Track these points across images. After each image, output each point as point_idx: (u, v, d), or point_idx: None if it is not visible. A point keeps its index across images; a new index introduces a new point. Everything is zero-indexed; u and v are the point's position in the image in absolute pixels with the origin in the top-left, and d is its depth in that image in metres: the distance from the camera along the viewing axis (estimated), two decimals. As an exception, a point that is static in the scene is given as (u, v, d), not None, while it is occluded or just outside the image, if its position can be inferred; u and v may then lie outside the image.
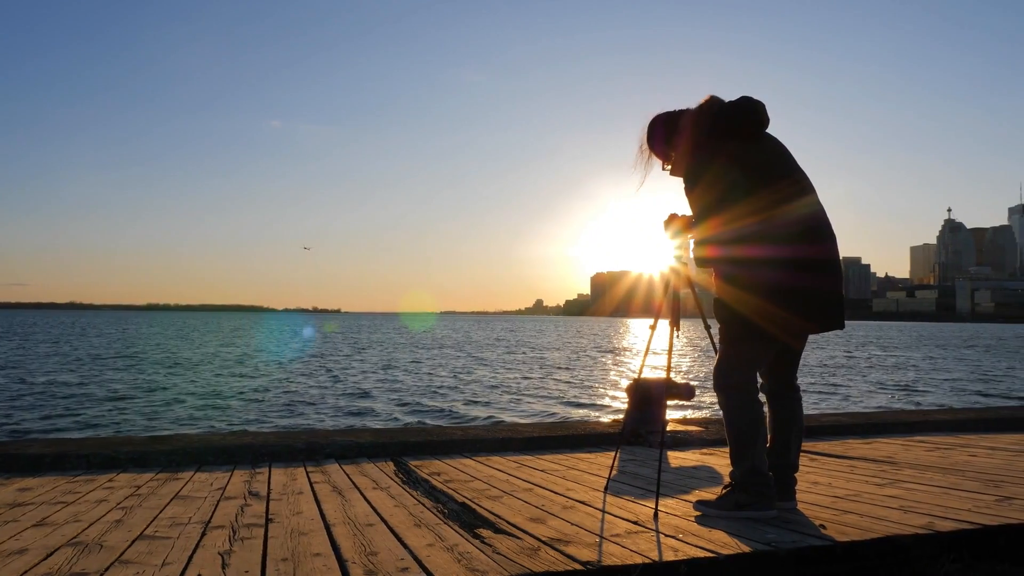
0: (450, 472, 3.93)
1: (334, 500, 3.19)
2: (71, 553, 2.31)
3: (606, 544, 2.34)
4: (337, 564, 2.15)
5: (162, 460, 4.32)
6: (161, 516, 2.89)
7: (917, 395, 17.32)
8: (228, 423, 11.49)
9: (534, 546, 2.32)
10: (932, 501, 2.99)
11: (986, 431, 5.62)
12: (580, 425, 5.59)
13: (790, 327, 2.71)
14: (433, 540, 2.43)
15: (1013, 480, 3.49)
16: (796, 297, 2.66)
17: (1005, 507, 2.87)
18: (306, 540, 2.45)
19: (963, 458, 4.26)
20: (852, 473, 3.77)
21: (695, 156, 2.77)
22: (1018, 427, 5.83)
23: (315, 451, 4.58)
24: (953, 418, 5.98)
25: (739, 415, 2.72)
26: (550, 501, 3.10)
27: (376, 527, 2.64)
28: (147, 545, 2.42)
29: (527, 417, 12.65)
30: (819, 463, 4.09)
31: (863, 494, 3.17)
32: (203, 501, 3.20)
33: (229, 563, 2.18)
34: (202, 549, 2.35)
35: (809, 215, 2.74)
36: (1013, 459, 4.21)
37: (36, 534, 2.59)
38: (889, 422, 5.81)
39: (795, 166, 2.80)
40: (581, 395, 16.47)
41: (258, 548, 2.36)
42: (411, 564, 2.13)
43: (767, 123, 2.79)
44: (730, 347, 2.76)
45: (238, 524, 2.72)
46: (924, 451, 4.59)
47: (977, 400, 16.43)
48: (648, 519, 2.72)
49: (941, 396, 17.19)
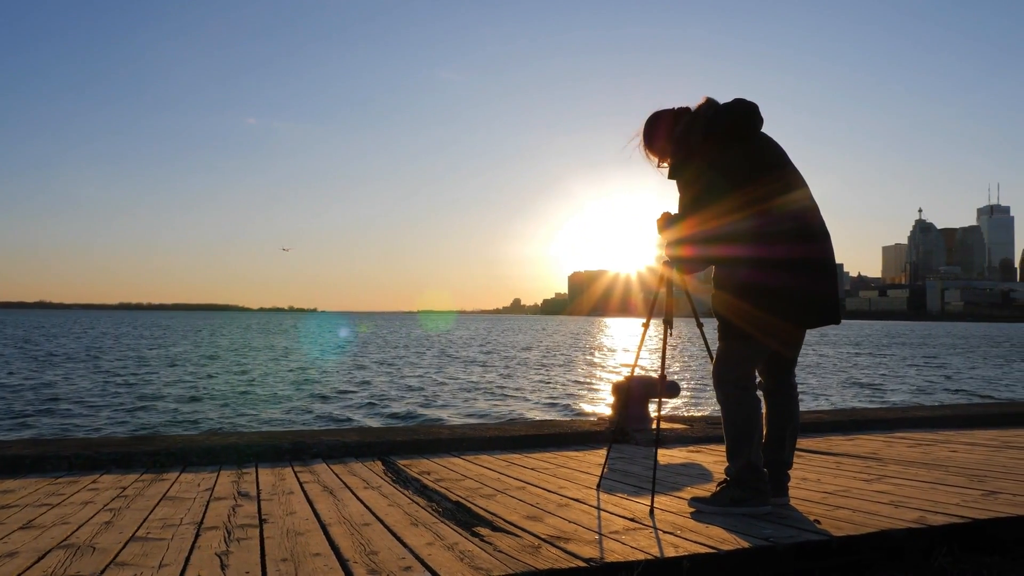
0: (440, 471, 3.91)
1: (327, 500, 3.16)
2: (63, 555, 2.27)
3: (606, 541, 2.35)
4: (338, 564, 2.13)
5: (145, 461, 4.26)
6: (151, 518, 2.84)
7: (887, 394, 17.58)
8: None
9: (534, 544, 2.32)
10: (921, 496, 3.04)
11: (963, 428, 5.72)
12: (566, 424, 5.59)
13: (779, 331, 2.75)
14: (432, 539, 2.41)
15: (996, 475, 3.56)
16: (785, 299, 2.69)
17: (991, 501, 2.92)
18: (303, 540, 2.43)
19: (945, 454, 4.34)
20: (839, 469, 3.82)
21: (690, 158, 2.79)
22: (992, 423, 5.94)
23: (301, 451, 4.54)
24: (931, 415, 6.09)
25: (737, 411, 2.74)
26: (544, 499, 3.10)
27: (373, 527, 2.62)
28: (141, 547, 2.38)
29: (507, 417, 12.65)
30: (805, 459, 4.14)
31: (852, 490, 3.21)
32: (192, 502, 3.16)
33: (228, 564, 2.15)
34: (198, 550, 2.31)
35: (801, 214, 2.77)
36: (992, 454, 4.29)
37: (24, 536, 2.53)
38: (870, 419, 5.90)
39: (789, 165, 2.83)
40: (564, 394, 16.51)
41: (255, 549, 2.33)
42: (413, 563, 2.12)
43: (761, 124, 2.82)
44: (728, 345, 2.79)
45: (232, 525, 2.68)
46: (906, 447, 4.66)
47: (942, 399, 16.72)
48: (644, 516, 2.74)
49: (907, 394, 17.46)
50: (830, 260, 2.78)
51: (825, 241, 2.79)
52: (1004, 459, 4.09)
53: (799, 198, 2.79)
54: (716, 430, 5.17)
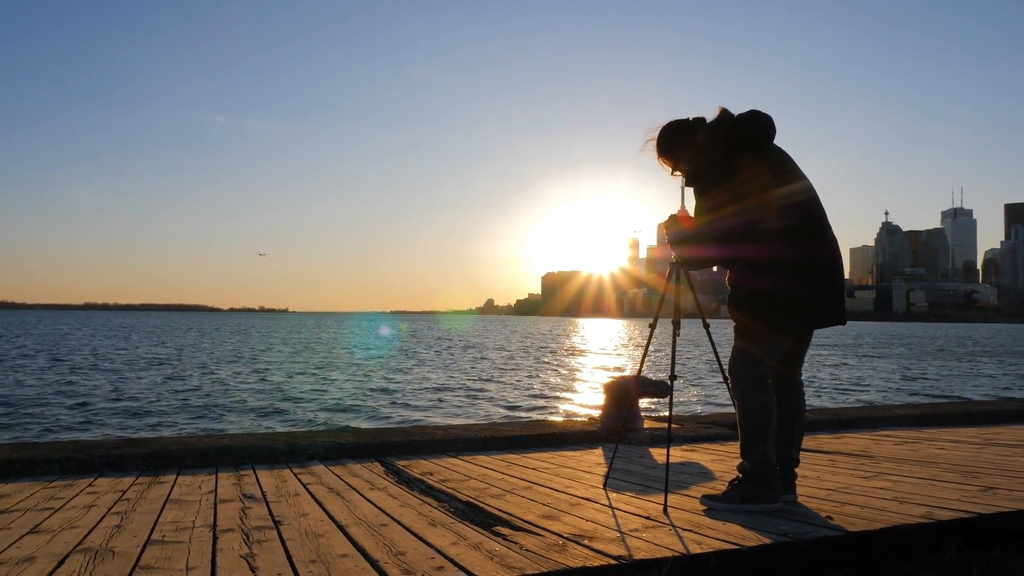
0: (442, 472, 3.92)
1: (336, 501, 3.15)
2: (84, 560, 2.23)
3: (629, 539, 2.37)
4: (368, 564, 2.13)
5: (139, 464, 4.19)
6: (162, 521, 2.81)
7: (857, 393, 17.91)
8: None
9: (559, 543, 2.34)
10: (922, 492, 3.12)
11: (945, 426, 5.86)
12: (560, 424, 5.63)
13: (792, 330, 2.83)
14: (455, 539, 2.42)
15: (987, 471, 3.66)
16: (799, 300, 2.77)
17: (991, 496, 3.01)
18: (325, 541, 2.42)
19: (932, 451, 4.45)
20: (835, 467, 3.90)
21: (711, 165, 2.85)
22: (971, 422, 6.10)
23: (297, 452, 4.51)
24: (912, 413, 6.23)
25: (752, 407, 2.81)
26: (555, 499, 3.12)
27: (391, 527, 2.62)
28: (160, 550, 2.35)
29: (493, 418, 12.66)
30: (800, 457, 4.21)
31: (853, 486, 3.29)
32: (199, 504, 3.13)
33: (257, 566, 2.13)
34: (221, 553, 2.29)
35: (814, 218, 2.85)
36: (978, 451, 4.41)
37: (35, 541, 2.49)
38: (854, 417, 6.01)
39: (800, 174, 2.90)
40: (544, 394, 16.57)
41: (278, 550, 2.32)
42: (444, 563, 2.13)
43: (775, 134, 2.89)
44: (743, 342, 2.85)
45: (247, 527, 2.66)
46: (893, 445, 4.77)
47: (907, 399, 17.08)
48: (658, 514, 2.77)
49: (874, 395, 17.80)
50: (839, 262, 2.85)
51: (835, 243, 2.87)
52: (991, 456, 4.20)
53: (811, 203, 2.87)
54: (707, 430, 5.24)
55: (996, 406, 6.82)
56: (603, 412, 5.52)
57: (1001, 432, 5.35)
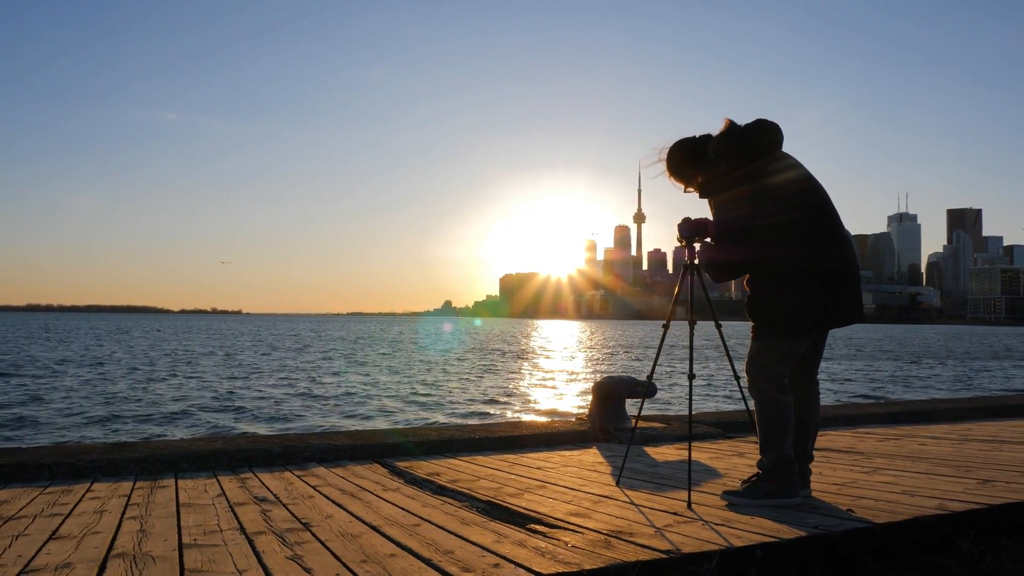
0: (447, 472, 3.92)
1: (354, 503, 3.13)
2: (126, 565, 2.18)
3: (667, 534, 2.42)
4: (422, 563, 2.13)
5: (133, 468, 4.10)
6: (185, 525, 2.75)
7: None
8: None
9: (601, 539, 2.37)
10: (926, 485, 3.24)
11: (916, 423, 6.08)
12: (552, 424, 5.67)
13: (810, 332, 2.93)
14: (496, 537, 2.44)
15: (977, 465, 3.82)
16: (815, 300, 2.86)
17: (991, 488, 3.15)
18: (366, 541, 2.41)
19: (916, 447, 4.62)
20: (832, 463, 4.02)
21: (724, 175, 2.93)
22: (941, 418, 6.34)
23: (293, 454, 4.46)
24: (885, 411, 6.46)
25: (771, 407, 2.89)
26: (574, 496, 3.16)
27: (424, 527, 2.62)
28: (200, 553, 2.31)
29: (479, 419, 12.66)
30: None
31: (859, 481, 3.40)
32: (214, 508, 3.08)
33: (310, 567, 2.12)
34: (265, 555, 2.27)
35: (826, 219, 2.94)
36: (959, 447, 4.59)
37: (63, 547, 2.42)
38: (830, 416, 6.19)
39: (810, 176, 3.00)
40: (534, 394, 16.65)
41: (322, 551, 2.30)
42: (497, 560, 2.14)
43: (782, 140, 2.98)
44: (762, 343, 2.93)
45: (278, 529, 2.63)
46: (877, 441, 4.93)
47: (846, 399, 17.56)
48: (683, 510, 2.83)
49: (830, 397, 18.29)
50: (855, 259, 2.96)
51: (849, 241, 2.98)
52: (973, 451, 4.38)
53: (824, 204, 2.97)
54: (697, 428, 5.34)
55: (962, 404, 7.10)
56: (591, 412, 5.58)
57: (972, 428, 5.58)
